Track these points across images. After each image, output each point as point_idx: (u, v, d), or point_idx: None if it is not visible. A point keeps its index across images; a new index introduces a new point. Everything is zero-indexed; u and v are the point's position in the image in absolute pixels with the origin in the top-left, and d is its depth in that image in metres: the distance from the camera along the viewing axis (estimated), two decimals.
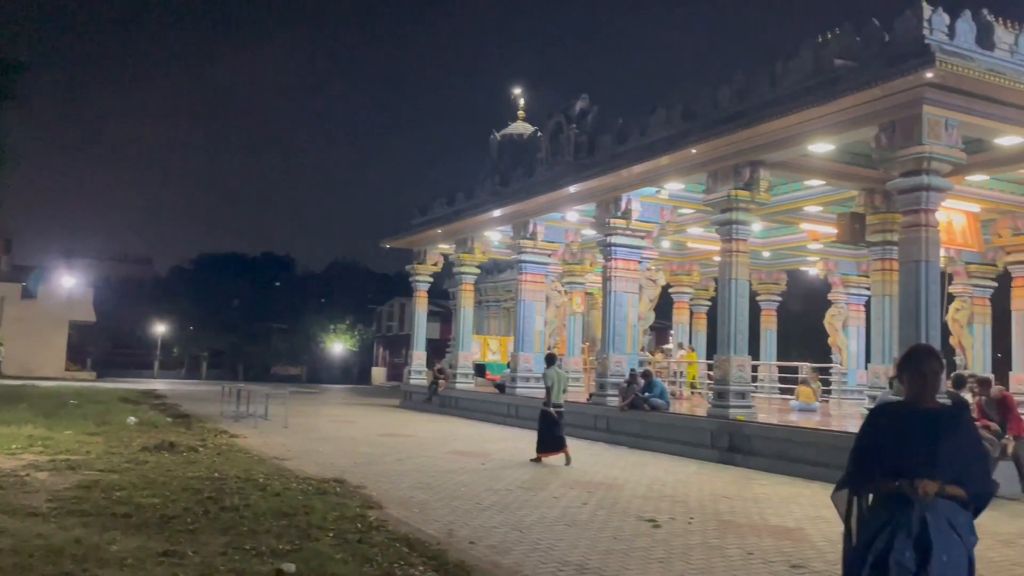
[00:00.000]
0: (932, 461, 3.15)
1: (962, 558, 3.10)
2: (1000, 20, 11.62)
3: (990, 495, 3.29)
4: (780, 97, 12.95)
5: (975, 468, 3.24)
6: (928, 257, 11.37)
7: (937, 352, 3.47)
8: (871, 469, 3.29)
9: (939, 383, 3.39)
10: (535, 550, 6.67)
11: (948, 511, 3.12)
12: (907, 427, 3.28)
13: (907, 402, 3.41)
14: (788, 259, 25.40)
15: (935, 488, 3.08)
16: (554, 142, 19.69)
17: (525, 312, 21.11)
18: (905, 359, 3.45)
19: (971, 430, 3.40)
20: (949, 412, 3.39)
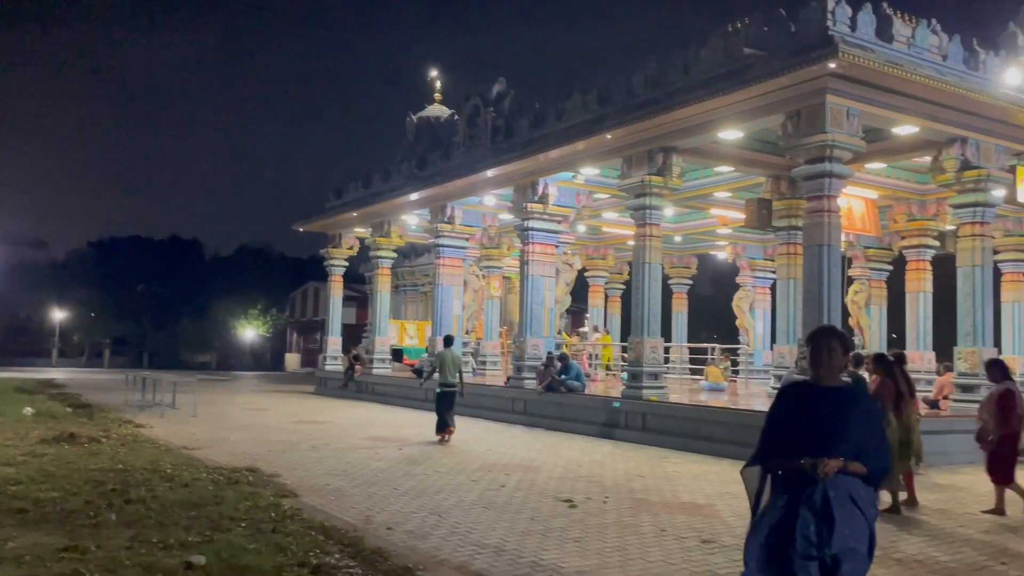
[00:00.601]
0: (834, 438, 3.26)
1: (863, 530, 3.23)
2: (898, 14, 12.15)
3: (888, 470, 3.43)
4: (692, 84, 13.23)
5: (874, 445, 3.35)
6: (830, 241, 11.84)
7: (839, 332, 3.54)
8: (779, 446, 3.38)
9: (841, 363, 3.46)
10: (453, 534, 6.67)
11: (849, 486, 3.23)
12: (811, 405, 3.40)
13: (811, 381, 3.51)
14: (699, 243, 26.08)
15: (836, 466, 3.19)
16: (471, 125, 19.61)
17: (443, 296, 21.03)
18: (808, 340, 3.56)
19: (871, 408, 3.52)
20: (851, 391, 3.48)
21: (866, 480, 3.30)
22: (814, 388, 3.47)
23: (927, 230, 18.16)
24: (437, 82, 25.65)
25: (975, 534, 7.25)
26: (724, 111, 12.80)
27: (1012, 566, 6.16)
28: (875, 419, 3.51)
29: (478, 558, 5.93)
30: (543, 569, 5.68)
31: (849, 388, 3.51)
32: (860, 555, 3.21)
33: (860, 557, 3.21)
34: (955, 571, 5.95)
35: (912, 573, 5.85)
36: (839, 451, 3.24)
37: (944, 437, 12.28)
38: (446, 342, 14.53)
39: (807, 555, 3.17)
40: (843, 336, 3.53)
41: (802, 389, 3.55)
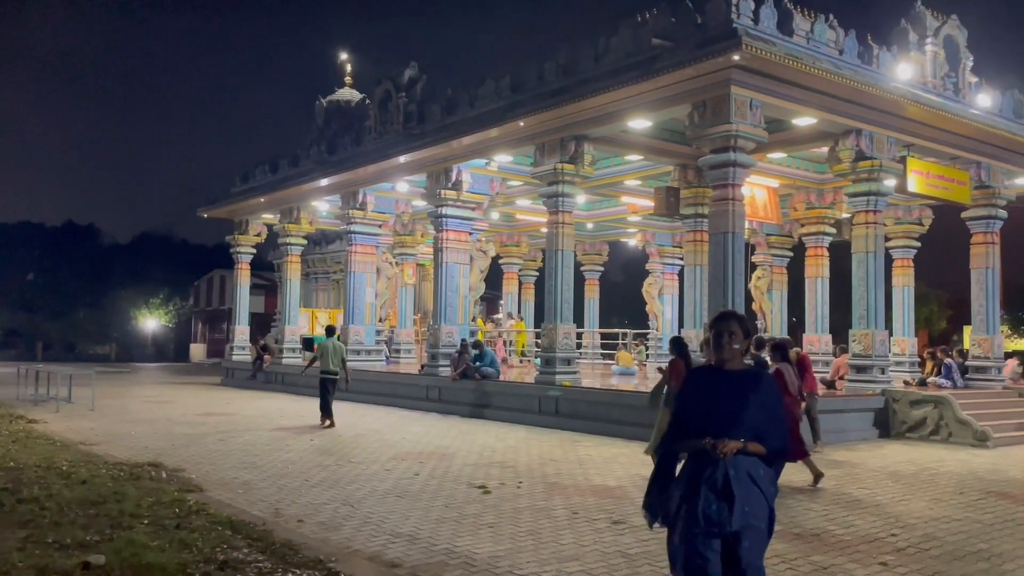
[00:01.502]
0: (735, 420, 3.37)
1: (762, 508, 3.34)
2: (798, 8, 12.59)
3: (787, 450, 3.56)
4: (602, 74, 13.39)
5: (774, 426, 3.45)
6: (734, 229, 12.23)
7: (740, 317, 3.63)
8: (685, 428, 3.48)
9: (742, 346, 3.54)
10: (366, 524, 6.61)
11: (749, 466, 3.34)
12: (715, 388, 3.49)
13: (715, 365, 3.61)
14: (610, 231, 26.50)
15: (735, 447, 3.29)
16: (383, 110, 19.34)
17: (355, 284, 20.73)
18: (710, 325, 3.66)
19: (772, 390, 3.60)
20: (752, 373, 3.58)
21: (766, 460, 3.41)
22: (717, 371, 3.56)
23: (824, 218, 18.97)
24: (348, 65, 25.18)
25: (868, 507, 7.65)
26: (633, 100, 13.01)
27: (901, 536, 6.52)
28: (775, 401, 3.59)
29: (391, 547, 5.90)
30: (457, 556, 5.69)
31: (751, 371, 3.60)
32: (760, 531, 3.32)
33: (760, 533, 3.32)
34: (850, 543, 6.26)
35: (811, 547, 6.12)
36: (739, 432, 3.33)
37: (840, 416, 12.92)
38: (328, 332, 14.96)
39: (709, 532, 3.26)
40: (744, 320, 3.61)
41: (706, 372, 3.64)
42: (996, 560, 5.84)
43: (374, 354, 20.99)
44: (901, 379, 15.91)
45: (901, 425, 13.32)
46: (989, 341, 15.91)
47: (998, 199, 15.88)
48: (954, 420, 12.78)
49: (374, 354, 20.99)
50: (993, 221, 15.97)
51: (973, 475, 9.69)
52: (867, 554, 5.93)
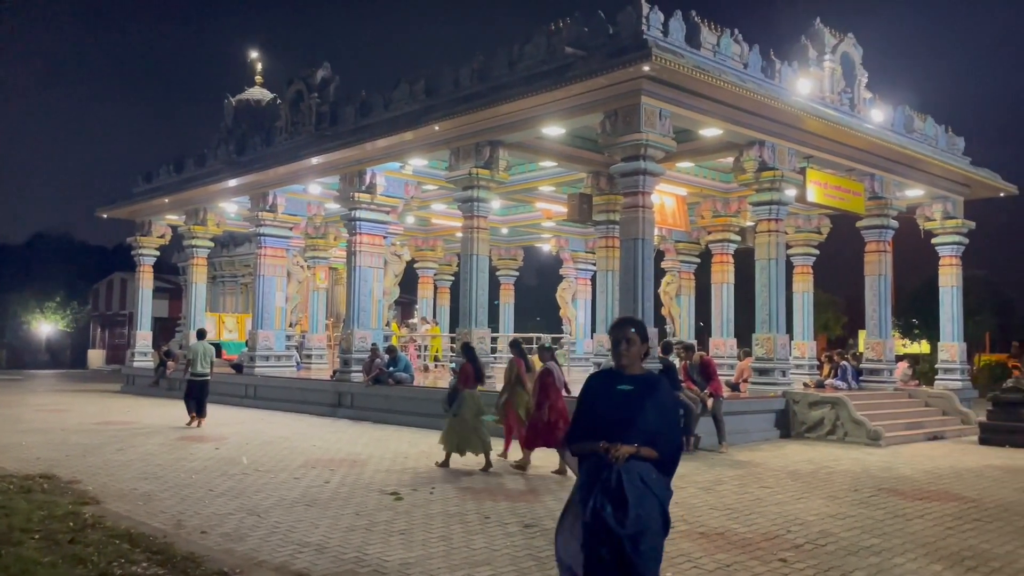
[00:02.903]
0: (630, 424, 3.43)
1: (655, 511, 3.40)
2: (705, 22, 12.99)
3: (677, 457, 3.59)
4: (516, 80, 13.50)
5: (668, 431, 3.52)
6: (644, 235, 12.51)
7: (637, 322, 3.69)
8: (584, 431, 3.53)
9: (640, 351, 3.60)
10: (273, 534, 6.45)
11: (642, 470, 3.40)
12: (612, 392, 3.55)
13: (616, 369, 3.66)
14: (524, 236, 26.71)
15: (628, 451, 3.36)
16: (295, 111, 18.96)
17: (265, 288, 20.23)
18: (609, 331, 3.71)
19: (668, 396, 3.68)
20: (650, 379, 3.63)
21: (658, 465, 3.46)
22: (617, 376, 3.61)
23: (730, 226, 19.63)
24: (258, 64, 24.63)
25: (769, 505, 7.93)
26: (547, 108, 13.16)
27: (799, 533, 6.79)
28: (670, 407, 3.66)
29: (299, 557, 5.78)
30: (367, 564, 5.62)
31: (649, 376, 3.65)
32: (653, 534, 3.37)
33: (653, 537, 3.37)
34: (752, 541, 6.48)
35: (715, 545, 6.31)
36: (633, 437, 3.40)
37: (744, 417, 13.36)
38: (199, 335, 15.36)
39: (602, 535, 3.31)
40: (641, 326, 3.67)
41: (606, 377, 3.67)
42: (887, 554, 6.14)
43: (284, 360, 20.52)
44: (801, 381, 16.58)
45: (800, 425, 13.87)
46: (882, 345, 16.75)
47: (890, 209, 16.74)
48: (849, 420, 13.39)
49: (284, 360, 20.52)
50: (886, 230, 16.83)
51: (866, 473, 10.17)
52: (768, 551, 6.15)
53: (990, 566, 5.86)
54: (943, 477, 9.96)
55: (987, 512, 7.80)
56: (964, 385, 18.02)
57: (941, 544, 6.48)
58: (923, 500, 8.36)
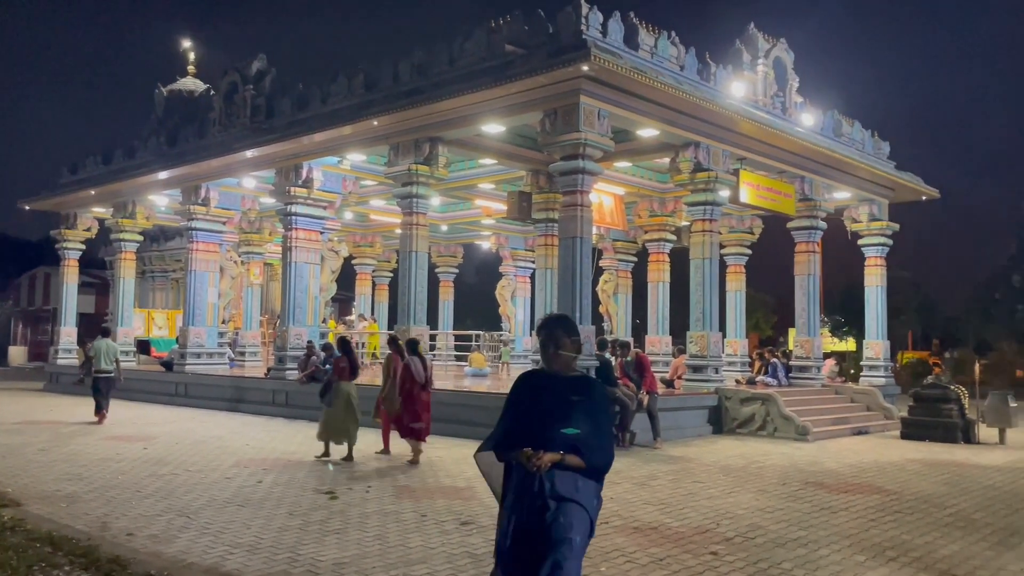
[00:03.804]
0: (557, 430, 3.22)
1: (582, 522, 3.19)
2: (643, 23, 13.17)
3: (606, 465, 3.35)
4: (457, 77, 13.46)
5: (597, 439, 3.30)
6: (583, 234, 12.62)
7: (566, 322, 3.47)
8: (510, 435, 3.33)
9: (569, 351, 3.39)
10: (203, 534, 6.31)
11: (567, 480, 3.19)
12: (541, 395, 3.35)
13: (545, 369, 3.45)
14: (464, 233, 26.66)
15: (551, 459, 3.15)
16: (229, 103, 18.53)
17: (196, 283, 19.74)
18: (536, 331, 3.48)
19: (599, 400, 3.44)
20: (581, 381, 3.42)
21: (587, 473, 3.26)
22: (546, 377, 3.42)
23: (666, 225, 19.96)
24: (191, 54, 23.97)
25: (701, 499, 8.10)
26: (487, 105, 13.16)
27: (729, 527, 6.94)
28: (602, 412, 3.43)
29: (230, 558, 5.66)
30: (300, 564, 5.54)
31: (581, 379, 3.45)
32: (576, 547, 3.15)
33: (575, 550, 3.14)
34: (684, 535, 6.60)
35: (648, 540, 6.41)
36: (561, 443, 3.20)
37: (678, 413, 13.60)
38: (103, 333, 15.37)
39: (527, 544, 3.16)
40: (569, 325, 3.47)
41: (534, 378, 3.48)
42: (813, 546, 6.33)
43: (216, 357, 20.06)
44: (733, 378, 16.95)
45: (732, 421, 14.20)
46: (810, 342, 17.25)
47: (819, 211, 17.25)
48: (779, 416, 13.76)
49: (216, 357, 20.06)
50: (815, 231, 17.33)
51: (794, 467, 10.46)
52: (699, 544, 6.28)
53: (910, 556, 6.09)
54: (866, 471, 10.31)
55: (907, 504, 8.11)
56: (888, 382, 18.68)
57: (864, 536, 6.71)
58: (847, 493, 8.64)
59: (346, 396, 10.49)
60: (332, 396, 10.51)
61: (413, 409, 10.22)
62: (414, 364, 10.30)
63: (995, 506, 8.14)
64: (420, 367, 10.35)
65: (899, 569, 5.72)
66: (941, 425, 13.64)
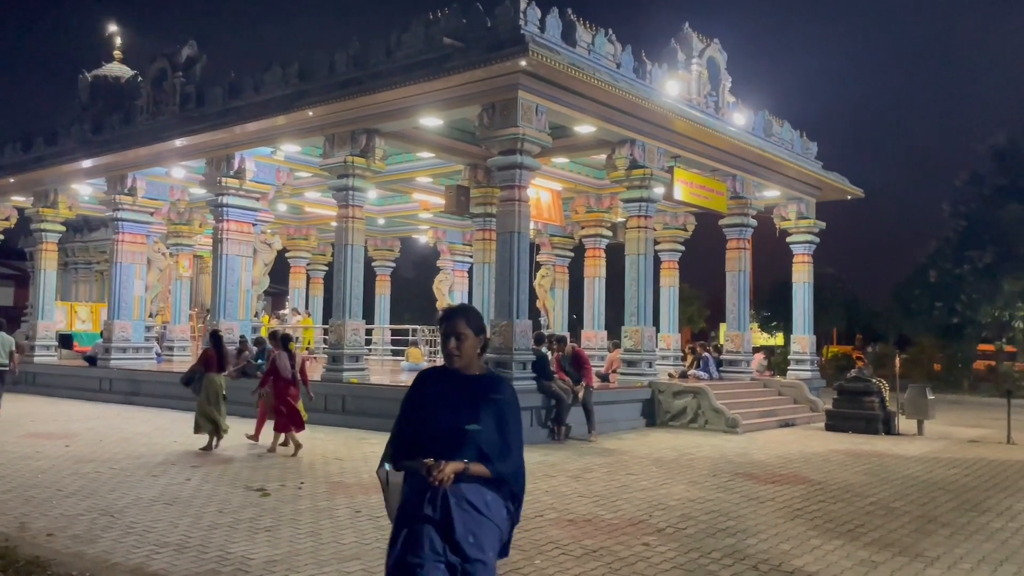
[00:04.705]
0: (461, 436, 2.91)
1: (492, 538, 2.90)
2: (580, 20, 13.26)
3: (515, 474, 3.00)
4: (394, 68, 13.32)
5: (506, 444, 2.96)
6: (520, 229, 12.65)
7: (470, 313, 3.14)
8: (409, 441, 3.01)
9: (474, 347, 3.07)
10: (128, 534, 6.13)
11: (474, 492, 2.88)
12: (443, 397, 3.03)
13: (448, 368, 3.10)
14: (402, 227, 26.45)
15: (454, 470, 2.82)
16: (157, 90, 17.97)
17: (122, 276, 19.10)
18: (439, 322, 3.15)
19: (509, 401, 3.06)
20: (489, 380, 3.09)
21: (495, 484, 2.93)
22: (448, 376, 3.08)
23: (602, 221, 20.17)
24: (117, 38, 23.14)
25: (634, 491, 8.22)
26: (425, 98, 13.07)
27: (661, 518, 7.07)
28: (510, 415, 3.03)
29: (156, 558, 5.51)
30: (229, 563, 5.43)
31: (487, 378, 3.11)
32: (486, 565, 2.85)
33: (489, 570, 2.86)
34: (617, 526, 6.70)
35: (582, 532, 6.48)
36: (464, 451, 2.89)
37: (613, 407, 13.78)
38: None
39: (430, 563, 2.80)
40: (474, 317, 3.12)
41: (436, 377, 3.13)
42: (742, 535, 6.50)
43: (143, 352, 19.47)
44: (666, 372, 17.26)
45: (665, 414, 14.45)
46: (740, 337, 17.67)
47: (750, 209, 17.66)
48: (710, 409, 14.07)
49: (143, 352, 19.47)
50: (745, 229, 17.74)
51: (724, 459, 10.71)
52: (632, 536, 6.38)
53: (833, 543, 6.30)
54: (793, 462, 10.63)
55: (832, 493, 8.39)
56: (814, 375, 19.26)
57: (791, 524, 6.92)
58: (775, 484, 8.89)
59: (214, 387, 10.78)
60: (202, 388, 10.79)
61: (281, 402, 10.55)
62: (281, 360, 10.64)
63: (913, 494, 8.48)
64: (287, 362, 10.67)
65: (823, 556, 5.91)
66: (863, 417, 14.14)
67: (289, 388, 10.64)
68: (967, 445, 12.93)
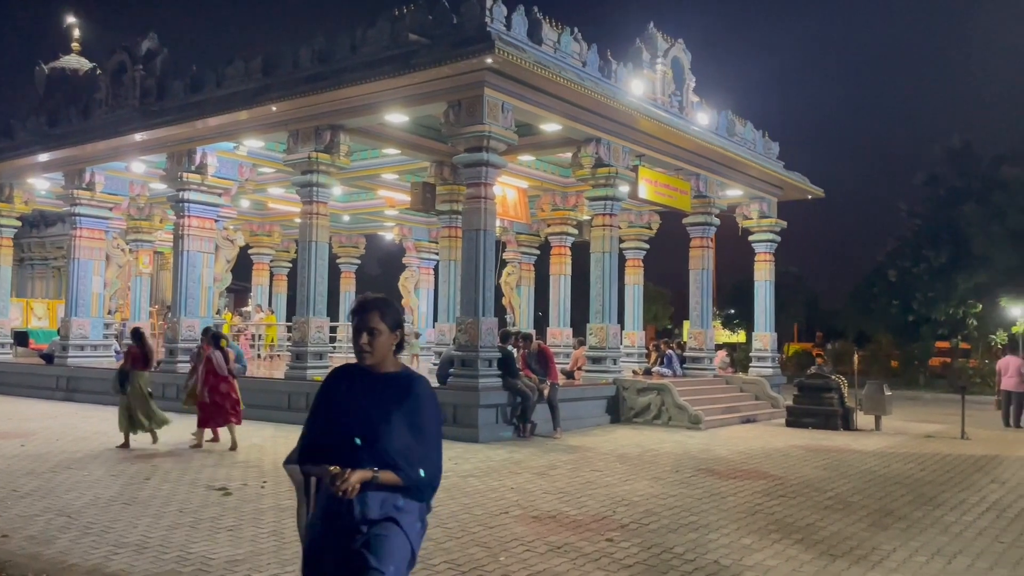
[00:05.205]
0: (372, 440, 2.68)
1: (401, 549, 2.68)
2: (546, 18, 13.29)
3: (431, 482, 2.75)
4: (359, 64, 13.23)
5: (421, 450, 2.72)
6: (486, 226, 12.65)
7: (385, 305, 2.85)
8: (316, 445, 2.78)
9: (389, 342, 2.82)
10: (86, 535, 6.02)
11: (383, 501, 2.68)
12: (352, 397, 2.79)
13: (361, 365, 2.85)
14: (367, 223, 26.29)
15: (360, 478, 2.58)
16: (117, 83, 17.64)
17: (80, 272, 18.73)
18: (350, 314, 2.89)
19: (426, 403, 2.80)
20: (404, 379, 2.82)
21: (407, 492, 2.70)
22: (360, 374, 2.83)
23: (568, 219, 20.24)
24: (75, 30, 22.65)
25: (599, 488, 8.28)
26: (390, 94, 13.00)
27: (625, 514, 7.13)
28: (426, 417, 2.78)
29: (115, 558, 5.43)
30: (190, 563, 5.36)
31: (404, 376, 2.84)
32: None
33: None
34: (582, 522, 6.74)
35: (547, 528, 6.51)
36: (373, 457, 2.65)
37: (578, 404, 13.85)
38: None
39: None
40: (388, 309, 2.84)
41: (347, 376, 2.87)
42: (704, 531, 6.58)
43: (102, 349, 19.12)
44: (631, 369, 17.39)
45: (629, 411, 14.56)
46: (703, 334, 17.86)
47: (713, 208, 17.85)
48: (673, 405, 14.21)
49: (102, 349, 19.12)
50: (709, 227, 17.93)
51: (687, 455, 10.83)
52: (596, 532, 6.42)
53: (793, 537, 6.41)
54: (754, 457, 10.78)
55: (791, 488, 8.53)
56: (775, 372, 19.55)
57: (751, 519, 7.02)
58: (736, 479, 9.02)
59: (140, 385, 10.84)
60: (128, 385, 10.75)
61: (216, 398, 10.74)
62: (215, 357, 10.84)
63: (870, 489, 8.65)
64: (221, 359, 10.86)
65: (783, 550, 6.01)
66: (823, 413, 14.39)
67: (221, 384, 10.85)
68: (923, 440, 13.22)
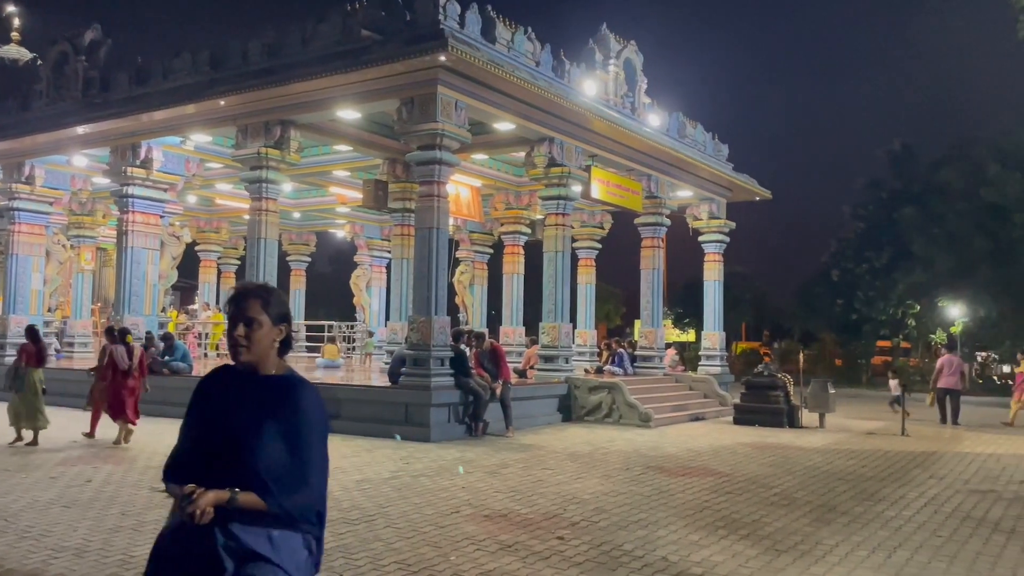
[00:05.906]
0: (236, 456, 2.25)
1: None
2: (500, 17, 13.29)
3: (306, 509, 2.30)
4: (310, 59, 13.08)
5: (295, 470, 2.27)
6: (439, 225, 12.60)
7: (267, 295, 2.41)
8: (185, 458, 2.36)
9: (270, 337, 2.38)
10: (24, 539, 5.84)
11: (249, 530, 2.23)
12: (223, 402, 2.37)
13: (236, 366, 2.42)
14: (318, 221, 26.00)
15: (213, 501, 2.17)
16: (58, 74, 17.14)
17: (19, 268, 18.16)
18: (225, 304, 2.48)
19: (307, 415, 2.34)
20: (283, 383, 2.39)
21: (280, 520, 2.25)
22: (234, 377, 2.41)
23: (521, 218, 20.29)
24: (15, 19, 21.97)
25: (550, 486, 8.31)
26: (341, 90, 12.87)
27: (575, 511, 7.17)
28: (307, 431, 2.32)
29: (54, 563, 5.27)
30: (132, 567, 5.23)
31: (282, 381, 2.40)
32: None
33: None
34: (533, 520, 6.76)
35: (498, 527, 6.52)
36: (239, 474, 2.23)
37: (530, 402, 13.89)
38: None
39: None
40: (272, 298, 2.42)
41: (222, 378, 2.45)
42: (653, 527, 6.65)
43: None
44: (582, 368, 17.49)
45: (581, 409, 14.66)
46: (654, 333, 18.06)
47: (664, 208, 18.06)
48: (624, 404, 14.34)
49: None
50: (660, 228, 18.14)
51: (637, 452, 10.94)
52: (547, 530, 6.45)
53: (739, 533, 6.52)
54: (702, 455, 10.94)
55: (738, 485, 8.67)
56: (723, 370, 19.86)
57: (699, 515, 7.12)
58: (685, 476, 9.14)
59: (34, 382, 10.75)
60: (21, 383, 10.67)
61: (118, 394, 10.79)
62: (118, 352, 10.89)
63: (814, 485, 8.85)
64: (124, 355, 10.92)
65: (730, 546, 6.11)
66: (769, 411, 14.67)
67: (127, 380, 10.89)
68: (865, 437, 13.57)
